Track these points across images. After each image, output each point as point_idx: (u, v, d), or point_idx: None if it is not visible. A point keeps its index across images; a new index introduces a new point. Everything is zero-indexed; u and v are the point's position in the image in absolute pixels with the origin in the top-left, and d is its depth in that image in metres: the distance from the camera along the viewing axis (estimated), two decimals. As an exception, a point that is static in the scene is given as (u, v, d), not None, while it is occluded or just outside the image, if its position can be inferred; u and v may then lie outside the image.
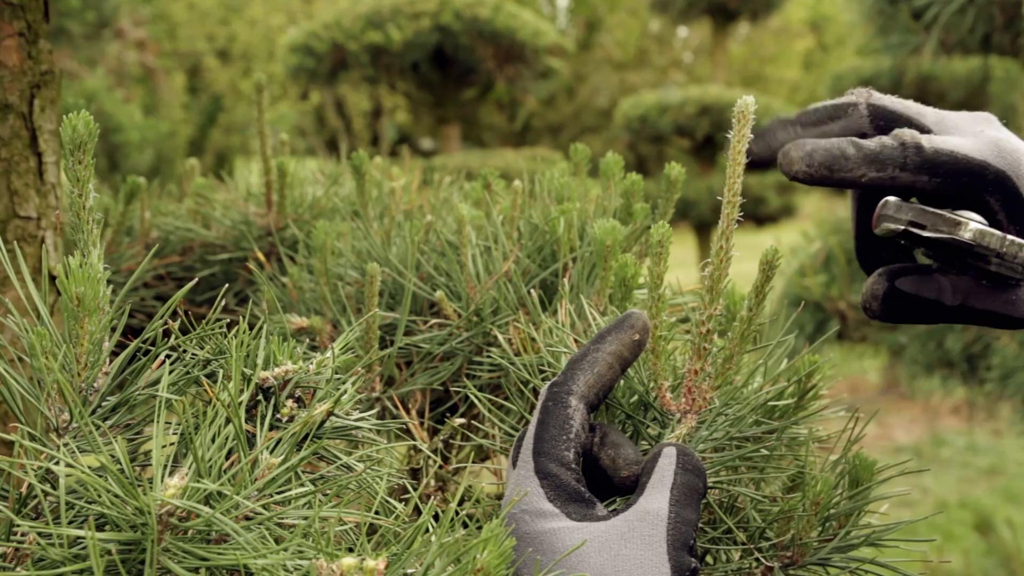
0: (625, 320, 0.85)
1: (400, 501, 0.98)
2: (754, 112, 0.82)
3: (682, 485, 0.77)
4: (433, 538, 0.65)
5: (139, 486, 0.62)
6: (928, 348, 3.63)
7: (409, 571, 0.64)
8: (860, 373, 6.88)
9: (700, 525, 0.92)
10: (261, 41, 17.81)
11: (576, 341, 1.02)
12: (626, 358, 0.84)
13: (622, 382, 0.92)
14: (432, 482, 1.08)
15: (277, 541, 0.66)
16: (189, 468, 0.65)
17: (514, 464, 0.80)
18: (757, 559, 0.92)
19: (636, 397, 0.92)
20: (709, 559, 0.94)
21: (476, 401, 0.96)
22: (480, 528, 0.64)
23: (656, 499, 0.76)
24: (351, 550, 0.69)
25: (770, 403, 0.97)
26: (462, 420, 1.05)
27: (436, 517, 0.94)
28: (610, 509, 0.79)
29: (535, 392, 0.99)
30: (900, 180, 0.87)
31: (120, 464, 0.65)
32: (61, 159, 1.16)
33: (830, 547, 0.92)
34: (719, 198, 0.86)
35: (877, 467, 0.95)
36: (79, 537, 0.64)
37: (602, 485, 0.82)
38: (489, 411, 0.97)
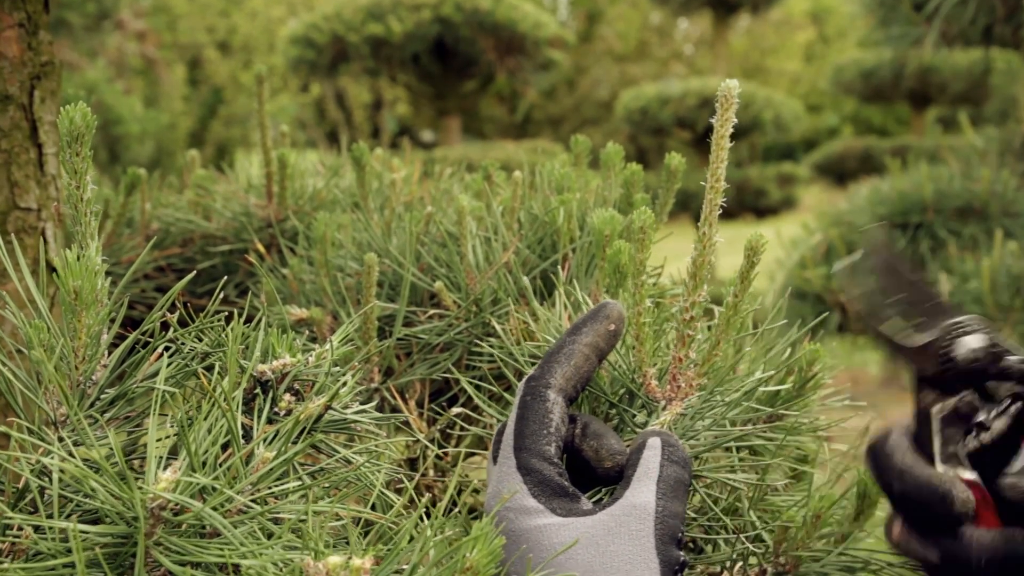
0: (600, 311, 0.84)
1: (398, 493, 0.97)
2: (738, 98, 0.81)
3: (668, 477, 0.76)
4: (428, 533, 0.65)
5: (131, 480, 0.61)
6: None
7: (403, 566, 0.64)
8: (861, 366, 6.88)
9: (693, 513, 0.92)
10: (261, 33, 17.78)
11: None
12: (602, 348, 0.84)
13: (606, 370, 0.91)
14: (431, 472, 1.08)
15: (269, 536, 0.65)
16: (182, 462, 0.65)
17: (495, 460, 0.79)
18: (746, 557, 0.91)
19: (624, 388, 0.92)
20: (708, 548, 0.94)
21: (471, 392, 0.96)
22: (476, 518, 0.63)
23: (642, 492, 0.75)
24: (347, 543, 0.69)
25: (769, 389, 0.96)
26: (459, 410, 1.05)
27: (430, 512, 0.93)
28: (594, 500, 0.78)
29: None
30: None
31: (114, 457, 0.64)
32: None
33: (828, 559, 0.91)
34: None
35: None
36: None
37: (585, 476, 0.81)
38: (489, 406, 0.97)
